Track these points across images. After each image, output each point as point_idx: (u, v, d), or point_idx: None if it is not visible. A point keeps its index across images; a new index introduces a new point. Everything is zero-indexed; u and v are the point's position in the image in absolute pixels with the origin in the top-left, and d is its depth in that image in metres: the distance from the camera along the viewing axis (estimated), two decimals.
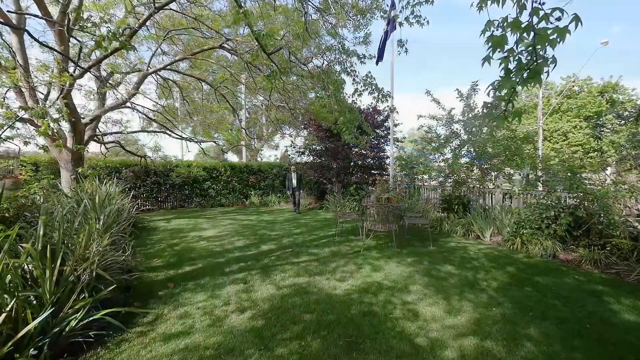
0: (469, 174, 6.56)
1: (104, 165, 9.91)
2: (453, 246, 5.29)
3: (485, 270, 4.03)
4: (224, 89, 10.63)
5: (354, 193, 9.71)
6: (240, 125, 10.36)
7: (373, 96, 4.05)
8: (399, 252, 4.82)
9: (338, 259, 4.47)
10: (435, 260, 4.44)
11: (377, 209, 4.74)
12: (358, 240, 5.61)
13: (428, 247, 5.16)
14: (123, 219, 5.73)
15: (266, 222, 7.74)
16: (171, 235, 5.99)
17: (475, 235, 5.97)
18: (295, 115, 9.54)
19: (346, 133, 4.96)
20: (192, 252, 4.75)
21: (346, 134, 4.89)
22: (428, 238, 5.70)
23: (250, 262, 4.24)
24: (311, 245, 5.27)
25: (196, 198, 11.52)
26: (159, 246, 5.12)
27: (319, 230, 6.60)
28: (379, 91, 3.98)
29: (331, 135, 10.24)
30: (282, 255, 4.63)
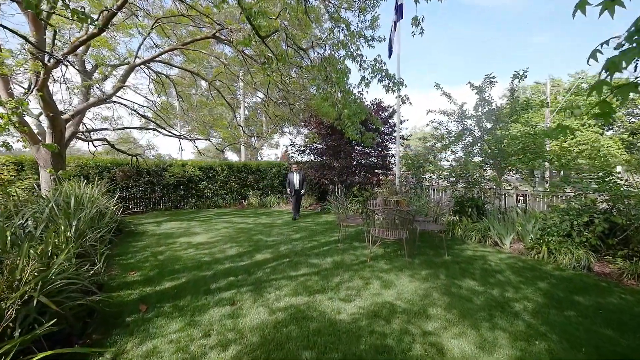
0: (483, 174, 5.99)
1: (94, 164, 9.40)
2: (470, 255, 4.73)
3: (514, 287, 3.47)
4: (220, 85, 10.10)
5: (357, 194, 9.16)
6: (237, 122, 9.80)
7: (383, 84, 3.49)
8: (411, 263, 4.26)
9: (342, 271, 3.92)
10: (453, 273, 3.88)
11: (386, 214, 4.18)
12: (363, 248, 5.06)
13: (443, 257, 4.60)
14: (104, 223, 5.23)
15: (263, 225, 7.20)
16: (158, 242, 5.46)
17: (493, 241, 5.40)
18: (296, 112, 8.98)
19: (350, 129, 4.40)
20: (177, 262, 4.21)
21: (350, 130, 4.33)
22: (442, 245, 5.14)
23: (241, 276, 3.69)
24: (311, 254, 4.72)
25: (191, 199, 11.00)
26: (142, 255, 4.59)
27: (320, 236, 6.05)
28: (390, 78, 3.40)
29: (333, 132, 9.68)
30: (278, 267, 4.09)
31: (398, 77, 6.84)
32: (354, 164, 10.10)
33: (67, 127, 6.41)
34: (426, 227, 4.80)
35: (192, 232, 6.31)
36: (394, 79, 3.41)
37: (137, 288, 3.30)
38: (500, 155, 6.19)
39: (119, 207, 6.65)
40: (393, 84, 3.41)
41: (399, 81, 3.39)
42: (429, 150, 7.72)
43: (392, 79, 3.41)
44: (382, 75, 3.43)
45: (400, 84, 3.40)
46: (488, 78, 6.25)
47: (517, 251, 4.96)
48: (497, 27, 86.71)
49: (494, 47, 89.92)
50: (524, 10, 71.60)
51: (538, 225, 4.84)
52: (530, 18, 71.43)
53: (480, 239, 5.57)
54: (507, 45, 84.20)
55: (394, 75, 3.41)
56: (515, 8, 73.62)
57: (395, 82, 3.40)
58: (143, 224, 7.33)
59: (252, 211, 9.91)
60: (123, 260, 4.34)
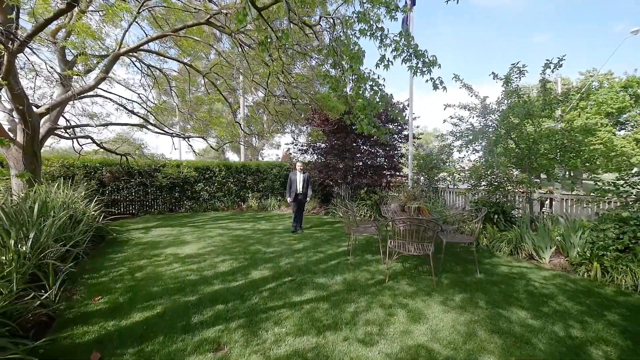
0: (512, 176, 5.24)
1: (81, 164, 8.73)
2: (506, 272, 3.99)
3: (578, 320, 2.73)
4: (217, 79, 9.40)
5: (364, 197, 8.43)
6: (235, 118, 9.09)
7: (409, 65, 2.76)
8: (439, 284, 3.53)
9: (357, 295, 3.19)
10: (494, 298, 3.14)
11: (409, 224, 3.45)
12: (377, 262, 4.33)
13: (474, 274, 3.86)
14: (78, 232, 4.53)
15: (262, 232, 6.47)
16: (140, 254, 4.74)
17: (527, 254, 4.65)
18: (299, 108, 8.25)
19: (364, 122, 3.67)
20: (157, 283, 3.49)
21: (364, 124, 3.60)
22: (469, 259, 4.41)
23: (232, 304, 2.97)
24: (317, 270, 3.99)
25: (187, 201, 10.32)
26: (117, 272, 3.87)
27: (325, 245, 5.32)
28: (420, 56, 2.65)
29: (339, 130, 8.96)
30: (278, 288, 3.36)
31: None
32: (360, 164, 9.38)
33: (42, 123, 5.73)
34: (453, 238, 4.06)
35: (181, 241, 5.60)
36: (425, 57, 2.67)
37: (98, 322, 2.58)
38: (530, 154, 5.45)
39: (101, 212, 5.96)
40: (423, 64, 2.68)
41: (432, 60, 2.66)
42: (445, 149, 6.97)
43: (421, 57, 2.67)
44: (408, 53, 2.70)
45: (433, 63, 2.67)
46: (517, 68, 5.51)
47: (559, 267, 4.21)
48: (497, 27, 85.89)
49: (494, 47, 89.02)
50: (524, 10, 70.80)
51: (586, 237, 4.09)
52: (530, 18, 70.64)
53: (512, 250, 4.82)
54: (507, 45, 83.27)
55: (425, 52, 2.68)
56: (515, 8, 72.85)
57: (426, 61, 2.66)
58: (129, 231, 6.62)
59: (251, 215, 9.20)
60: (93, 278, 3.63)
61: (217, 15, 5.97)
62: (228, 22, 5.74)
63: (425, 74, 2.75)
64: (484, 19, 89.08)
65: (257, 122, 14.99)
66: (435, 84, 2.83)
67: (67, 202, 4.92)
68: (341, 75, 3.78)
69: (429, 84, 3.10)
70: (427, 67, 2.71)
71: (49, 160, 8.14)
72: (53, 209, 4.43)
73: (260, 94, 13.79)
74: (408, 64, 2.81)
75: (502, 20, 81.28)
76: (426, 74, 2.76)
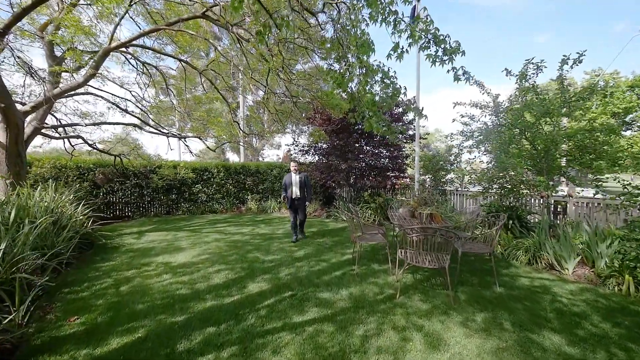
0: (528, 178, 4.89)
1: (74, 165, 8.41)
2: (527, 285, 3.63)
3: (621, 347, 2.37)
4: (215, 77, 9.07)
5: (368, 200, 8.08)
6: (234, 118, 8.76)
7: (427, 54, 2.41)
8: (455, 300, 3.18)
9: (365, 314, 2.85)
10: (520, 318, 2.79)
11: (421, 234, 3.10)
12: (385, 273, 3.98)
13: (493, 288, 3.51)
14: (61, 239, 4.20)
15: (261, 237, 6.13)
16: (130, 262, 4.41)
17: (547, 263, 4.30)
18: (300, 107, 7.90)
19: (373, 120, 3.33)
20: (143, 298, 3.15)
21: (373, 122, 3.26)
22: (486, 270, 4.06)
23: (225, 325, 2.62)
24: (320, 282, 3.64)
25: (184, 203, 9.99)
26: (101, 284, 3.53)
27: (328, 253, 4.98)
28: (441, 42, 2.28)
29: (341, 130, 8.62)
30: (277, 305, 3.02)
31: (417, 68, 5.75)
32: (363, 165, 9.02)
33: (28, 122, 5.41)
34: (470, 248, 3.70)
35: (175, 248, 5.26)
36: (447, 44, 2.31)
37: (69, 350, 2.24)
38: (548, 155, 5.10)
39: (90, 216, 5.62)
40: (444, 52, 2.33)
41: (454, 47, 2.31)
42: (454, 150, 6.61)
43: (442, 44, 2.31)
44: (427, 39, 2.35)
45: (455, 50, 2.31)
46: (535, 64, 5.15)
47: (584, 279, 3.85)
48: (497, 27, 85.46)
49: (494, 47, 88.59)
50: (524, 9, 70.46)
51: (615, 247, 3.73)
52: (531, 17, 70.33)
53: (530, 260, 4.46)
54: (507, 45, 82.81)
55: (446, 38, 2.32)
56: (515, 8, 72.56)
57: (447, 48, 2.31)
58: (122, 235, 6.29)
59: (250, 218, 8.86)
60: (73, 293, 3.29)
61: (214, 9, 5.67)
62: (225, 13, 5.41)
63: (446, 63, 2.41)
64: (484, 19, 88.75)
65: (257, 121, 14.65)
66: (457, 75, 2.48)
67: (51, 207, 4.59)
68: (347, 68, 3.45)
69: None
70: (448, 55, 2.36)
71: (40, 161, 7.83)
72: (34, 215, 4.11)
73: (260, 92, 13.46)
74: (426, 53, 2.46)
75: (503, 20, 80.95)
76: (447, 64, 2.41)
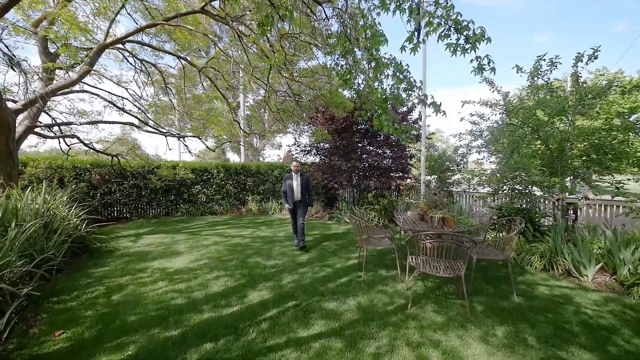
0: (544, 179, 4.65)
1: (71, 166, 8.20)
2: (547, 294, 3.41)
3: None
4: (218, 79, 8.87)
5: (372, 201, 7.86)
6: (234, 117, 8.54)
7: (447, 44, 2.17)
8: (472, 311, 2.95)
9: (376, 328, 2.62)
10: (544, 333, 2.57)
11: (436, 240, 2.88)
12: (393, 279, 3.76)
13: (510, 297, 3.29)
14: (52, 244, 3.99)
15: (262, 240, 5.91)
16: (124, 268, 4.19)
17: (564, 269, 4.07)
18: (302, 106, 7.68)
19: (382, 118, 3.11)
20: (135, 309, 2.93)
21: (383, 120, 3.04)
22: (501, 277, 3.84)
23: (224, 341, 2.40)
24: (326, 290, 3.42)
25: (183, 205, 9.77)
26: (92, 293, 3.31)
27: (332, 257, 4.76)
28: (463, 29, 2.02)
29: (344, 129, 8.39)
30: (280, 317, 2.79)
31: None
32: (366, 165, 8.78)
33: (19, 121, 5.20)
34: (483, 254, 3.48)
35: (173, 251, 5.04)
36: (469, 30, 2.07)
37: None
38: (562, 155, 4.87)
39: (85, 218, 5.40)
40: (466, 40, 2.09)
41: (478, 34, 2.06)
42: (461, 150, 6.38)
43: (463, 31, 2.07)
44: (447, 26, 2.11)
45: (479, 38, 2.06)
46: (549, 60, 4.92)
47: (605, 287, 3.62)
48: (497, 26, 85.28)
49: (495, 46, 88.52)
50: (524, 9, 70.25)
51: (639, 254, 3.50)
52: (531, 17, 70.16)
53: (546, 265, 4.23)
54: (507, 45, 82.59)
55: (469, 24, 2.08)
56: (515, 8, 72.41)
57: (470, 35, 2.06)
58: (118, 238, 6.08)
59: (251, 219, 8.64)
60: (61, 302, 3.07)
61: (214, 3, 5.45)
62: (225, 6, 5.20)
63: (468, 52, 2.18)
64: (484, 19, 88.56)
65: (257, 121, 14.44)
66: (481, 65, 2.25)
67: (42, 209, 4.38)
68: (353, 64, 3.23)
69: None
70: (471, 43, 2.13)
71: (35, 162, 7.62)
72: (23, 218, 3.90)
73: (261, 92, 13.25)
74: (445, 42, 2.23)
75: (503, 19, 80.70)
76: (469, 52, 2.18)
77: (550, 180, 4.40)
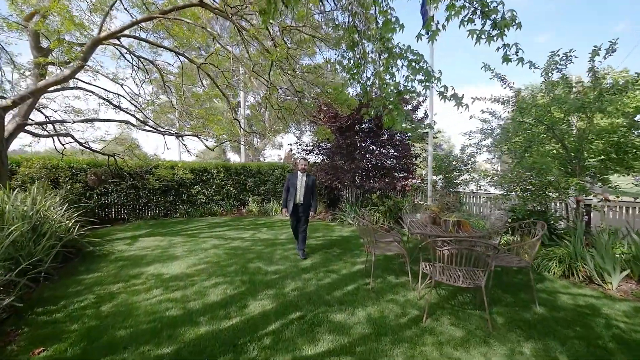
0: (562, 178, 4.40)
1: (66, 166, 7.98)
2: (570, 304, 3.16)
3: None
4: (218, 78, 8.62)
5: (377, 202, 7.61)
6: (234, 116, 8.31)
7: (470, 30, 1.93)
8: (494, 325, 2.70)
9: (389, 344, 2.38)
10: (575, 349, 2.32)
11: (455, 247, 2.63)
12: (405, 287, 3.51)
13: (532, 308, 3.04)
14: (40, 248, 3.75)
15: (264, 243, 5.67)
16: (117, 274, 3.95)
17: (586, 277, 3.82)
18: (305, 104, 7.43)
19: (394, 115, 2.87)
20: (126, 322, 2.69)
21: (396, 117, 2.80)
22: (518, 284, 3.59)
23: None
24: (332, 300, 3.18)
25: (182, 206, 9.54)
26: (81, 302, 3.07)
27: (337, 262, 4.52)
28: (490, 12, 1.78)
29: (348, 127, 8.15)
30: (284, 331, 2.55)
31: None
32: (369, 166, 8.53)
33: (8, 118, 4.97)
34: (506, 262, 3.23)
35: (169, 256, 4.80)
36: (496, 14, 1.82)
37: None
38: (580, 155, 4.62)
39: (78, 220, 5.17)
40: (493, 26, 1.84)
41: (508, 18, 1.81)
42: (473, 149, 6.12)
43: (491, 15, 1.82)
44: (473, 9, 1.86)
45: (508, 23, 1.82)
46: (562, 54, 4.67)
47: (632, 295, 3.37)
48: None
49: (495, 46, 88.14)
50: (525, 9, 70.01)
51: None
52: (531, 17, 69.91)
53: (565, 271, 3.98)
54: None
55: (497, 7, 1.83)
56: (516, 7, 72.28)
57: (498, 20, 1.82)
58: (113, 241, 5.84)
59: (251, 221, 8.40)
60: (46, 314, 2.83)
61: None
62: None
63: (494, 39, 1.94)
64: None
65: (258, 120, 14.20)
66: (506, 55, 2.00)
67: (31, 211, 4.14)
68: (362, 55, 2.99)
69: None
70: (499, 28, 1.88)
71: (29, 161, 7.39)
72: (9, 221, 3.66)
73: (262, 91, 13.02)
74: (468, 28, 1.99)
75: None
76: (495, 40, 1.94)
77: (569, 180, 4.15)
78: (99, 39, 5.12)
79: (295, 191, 4.69)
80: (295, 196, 4.68)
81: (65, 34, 5.47)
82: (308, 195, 4.72)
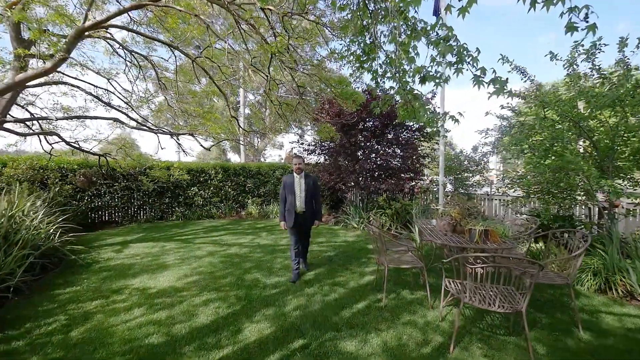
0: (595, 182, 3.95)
1: (56, 166, 7.59)
2: (616, 326, 2.71)
3: None
4: (217, 76, 8.21)
5: (383, 205, 7.17)
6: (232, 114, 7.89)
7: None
8: (535, 354, 2.26)
9: None
10: None
11: (491, 264, 2.19)
12: (422, 305, 3.07)
13: (575, 332, 2.59)
14: (12, 259, 3.33)
15: (263, 249, 5.24)
16: (97, 288, 3.52)
17: (625, 291, 3.37)
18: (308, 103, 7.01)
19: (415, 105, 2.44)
20: (97, 352, 2.26)
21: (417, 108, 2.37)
22: (552, 303, 3.15)
23: None
24: (341, 321, 2.74)
25: (179, 208, 9.13)
26: (47, 326, 2.64)
27: (344, 272, 4.09)
28: None
29: (353, 126, 7.71)
30: None
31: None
32: (374, 166, 8.09)
33: None
34: (545, 279, 2.79)
35: (160, 265, 4.38)
36: None
37: None
38: (613, 154, 4.18)
39: (62, 226, 4.75)
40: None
41: None
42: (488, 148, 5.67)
43: None
44: None
45: None
46: (592, 43, 4.22)
47: None
48: (497, 27, 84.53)
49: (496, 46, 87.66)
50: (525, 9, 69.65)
51: None
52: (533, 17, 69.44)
53: (601, 285, 3.54)
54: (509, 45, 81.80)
55: None
56: (514, 11, 71.90)
57: None
58: (102, 247, 5.42)
59: (251, 224, 7.98)
60: (4, 341, 2.39)
61: None
62: None
63: (553, 3, 1.50)
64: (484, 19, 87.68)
65: (258, 119, 13.78)
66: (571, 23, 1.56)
67: (2, 218, 3.72)
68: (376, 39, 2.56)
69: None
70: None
71: (15, 162, 6.99)
72: None
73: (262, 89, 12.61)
74: None
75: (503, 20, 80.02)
76: (555, 4, 1.50)
77: (603, 182, 3.70)
78: (83, 28, 4.68)
79: (294, 198, 3.82)
80: (295, 204, 3.82)
81: (48, 24, 5.07)
82: (311, 201, 3.91)
